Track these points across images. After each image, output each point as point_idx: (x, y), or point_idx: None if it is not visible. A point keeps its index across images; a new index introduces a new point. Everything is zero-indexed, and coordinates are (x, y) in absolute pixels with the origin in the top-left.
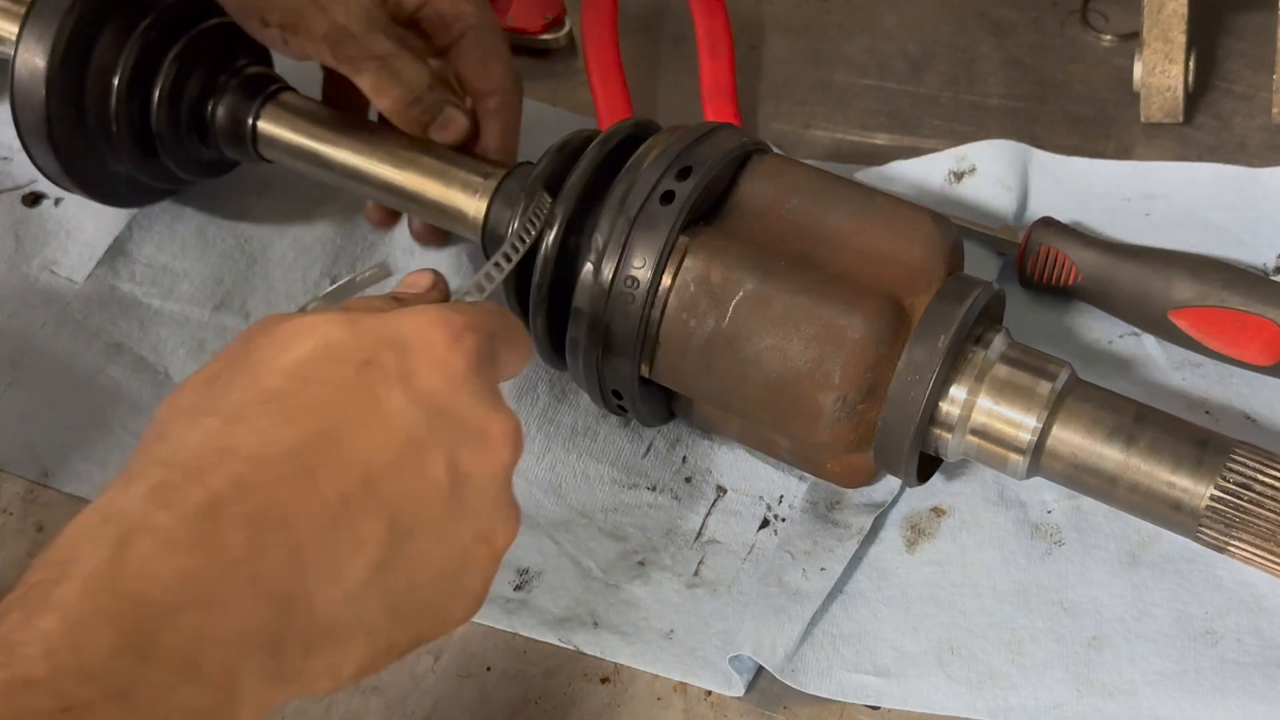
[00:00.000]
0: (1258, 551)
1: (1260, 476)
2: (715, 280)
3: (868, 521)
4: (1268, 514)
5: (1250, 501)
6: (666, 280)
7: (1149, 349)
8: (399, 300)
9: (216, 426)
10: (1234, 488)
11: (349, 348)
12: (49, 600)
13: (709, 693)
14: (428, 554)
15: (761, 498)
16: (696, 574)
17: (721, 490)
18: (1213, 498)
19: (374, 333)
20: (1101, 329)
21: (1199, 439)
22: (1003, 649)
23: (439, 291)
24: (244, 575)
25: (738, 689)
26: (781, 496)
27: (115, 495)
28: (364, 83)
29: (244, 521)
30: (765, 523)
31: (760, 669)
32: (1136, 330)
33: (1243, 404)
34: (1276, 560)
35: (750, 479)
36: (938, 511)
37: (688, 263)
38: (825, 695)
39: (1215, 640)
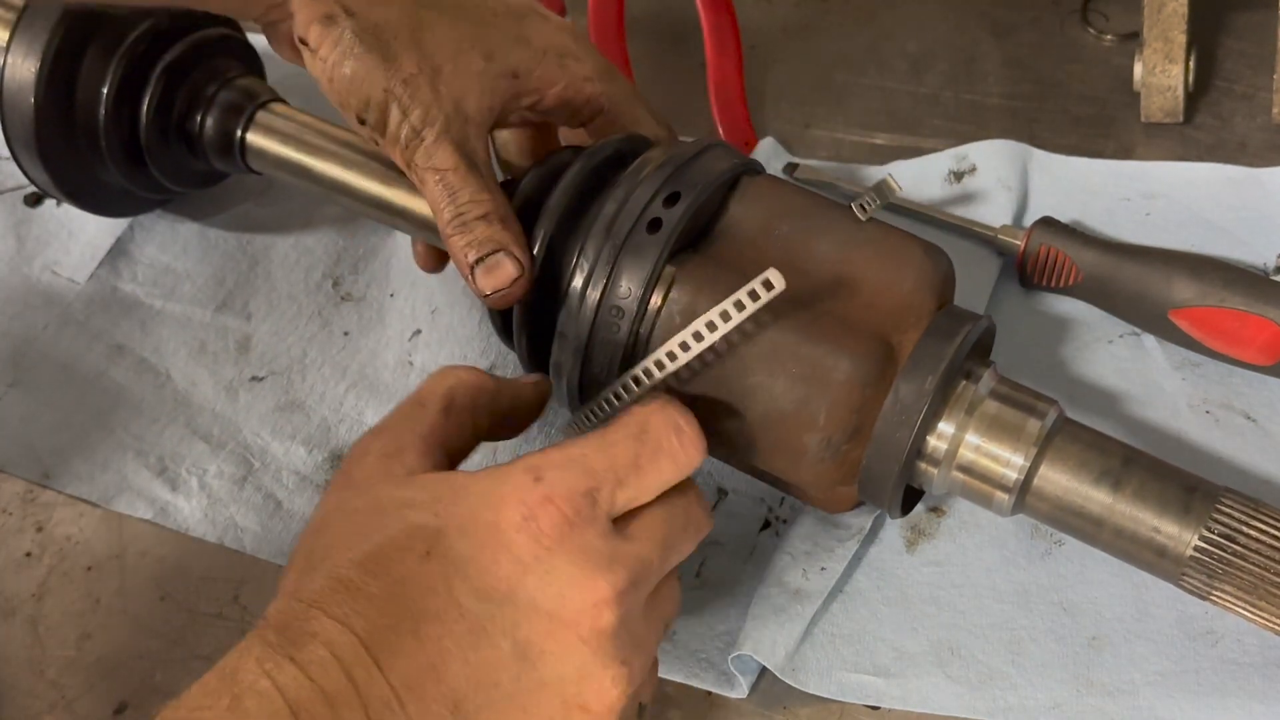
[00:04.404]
0: (1239, 603)
1: (1245, 528)
2: (701, 313)
3: (867, 522)
4: (1251, 567)
5: (1234, 554)
6: (652, 310)
7: (1149, 348)
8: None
9: (300, 610)
10: (1219, 539)
11: (416, 537)
12: None
13: (709, 693)
14: None
15: (762, 499)
16: (698, 575)
17: (723, 492)
18: (1197, 547)
19: (442, 518)
20: (1101, 328)
21: (1187, 485)
22: (1002, 649)
23: None
24: None
25: (741, 691)
26: (783, 498)
27: (233, 658)
28: (425, 194)
29: (323, 701)
30: (766, 524)
31: (762, 671)
32: (1137, 330)
33: (1243, 404)
34: (1258, 612)
35: (751, 481)
36: (938, 511)
37: (674, 294)
38: (825, 695)
39: (1215, 640)
